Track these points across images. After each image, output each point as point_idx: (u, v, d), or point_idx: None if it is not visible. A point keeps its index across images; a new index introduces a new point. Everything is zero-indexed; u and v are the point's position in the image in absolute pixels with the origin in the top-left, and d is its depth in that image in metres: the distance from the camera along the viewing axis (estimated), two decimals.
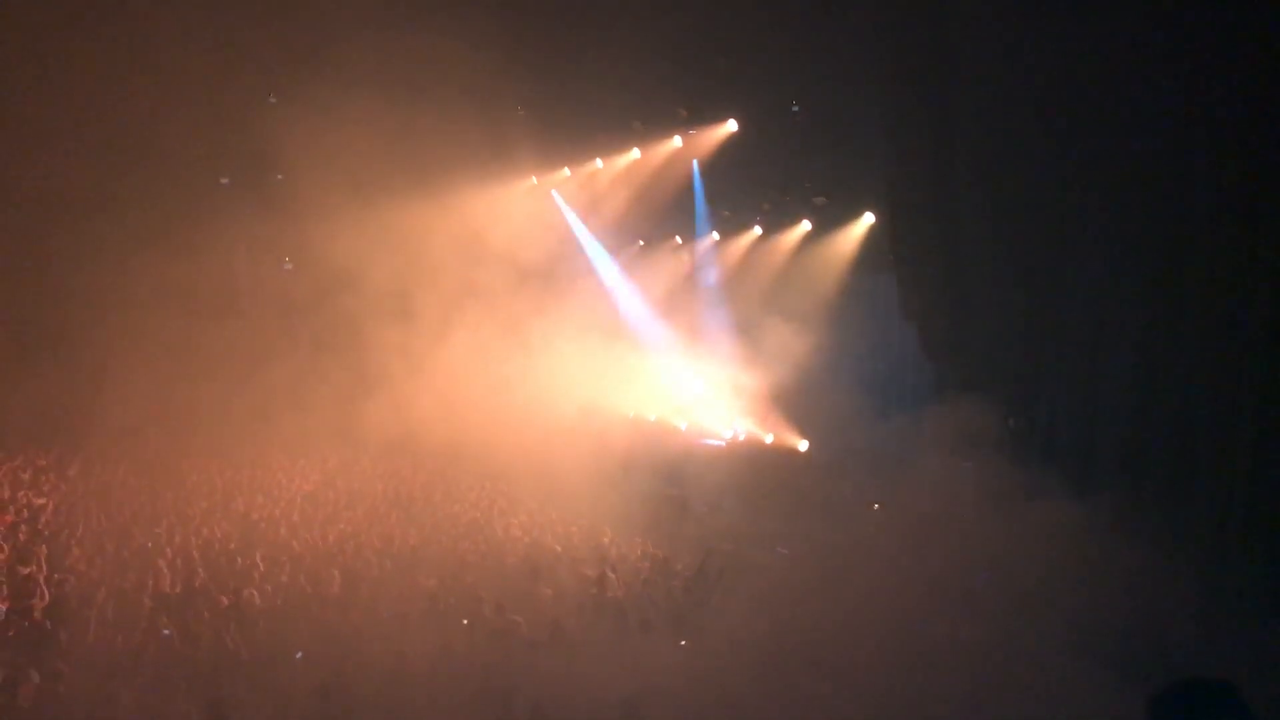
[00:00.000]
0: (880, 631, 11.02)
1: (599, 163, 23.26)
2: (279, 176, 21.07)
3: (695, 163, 21.66)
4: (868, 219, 18.49)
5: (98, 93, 21.07)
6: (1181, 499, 11.92)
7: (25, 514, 15.90)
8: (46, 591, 11.59)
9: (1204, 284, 11.66)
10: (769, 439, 20.90)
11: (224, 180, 23.87)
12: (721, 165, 20.61)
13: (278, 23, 18.15)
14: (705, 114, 20.19)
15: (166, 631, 10.63)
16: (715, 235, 22.75)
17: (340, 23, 18.15)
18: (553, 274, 23.64)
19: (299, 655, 10.16)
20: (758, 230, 21.43)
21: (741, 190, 21.22)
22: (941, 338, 15.18)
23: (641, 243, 25.05)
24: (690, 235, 23.53)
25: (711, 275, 23.20)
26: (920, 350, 16.08)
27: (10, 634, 10.43)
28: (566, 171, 24.12)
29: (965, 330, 14.85)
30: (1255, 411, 10.94)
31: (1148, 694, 3.20)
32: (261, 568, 13.14)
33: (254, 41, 18.53)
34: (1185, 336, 11.96)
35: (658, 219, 23.28)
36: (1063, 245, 13.78)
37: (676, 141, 21.40)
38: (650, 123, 21.37)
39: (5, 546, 13.48)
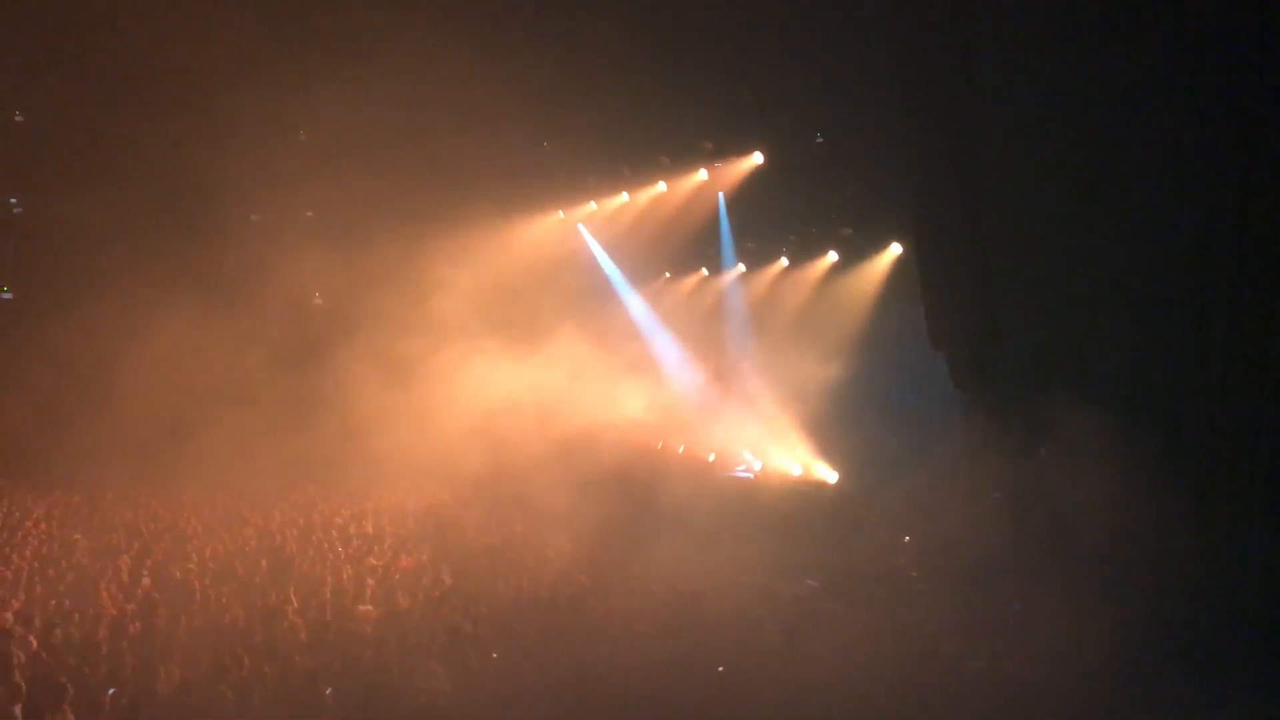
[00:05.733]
0: (910, 665, 10.92)
1: (625, 196, 23.42)
2: (308, 213, 21.37)
3: (721, 195, 21.75)
4: (894, 249, 18.46)
5: (143, 131, 21.48)
6: (1211, 520, 11.81)
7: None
8: None
9: (1234, 306, 11.63)
10: (798, 471, 20.81)
11: (254, 218, 24.20)
12: (747, 198, 20.70)
13: (299, 58, 18.35)
14: (730, 147, 20.30)
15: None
16: (741, 267, 22.78)
17: (369, 60, 18.39)
18: (579, 307, 23.75)
19: (329, 691, 10.17)
20: (784, 262, 21.46)
21: (767, 222, 21.27)
22: (970, 366, 15.09)
23: (668, 275, 25.13)
24: (716, 268, 23.58)
25: (738, 307, 23.22)
26: (950, 379, 15.99)
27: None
28: (593, 205, 24.30)
29: (994, 359, 14.76)
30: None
31: None
32: (295, 603, 13.19)
33: (284, 74, 18.76)
34: (1214, 359, 11.89)
35: (684, 252, 23.37)
36: (1092, 271, 13.70)
37: (702, 174, 21.53)
38: (676, 156, 21.50)
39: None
